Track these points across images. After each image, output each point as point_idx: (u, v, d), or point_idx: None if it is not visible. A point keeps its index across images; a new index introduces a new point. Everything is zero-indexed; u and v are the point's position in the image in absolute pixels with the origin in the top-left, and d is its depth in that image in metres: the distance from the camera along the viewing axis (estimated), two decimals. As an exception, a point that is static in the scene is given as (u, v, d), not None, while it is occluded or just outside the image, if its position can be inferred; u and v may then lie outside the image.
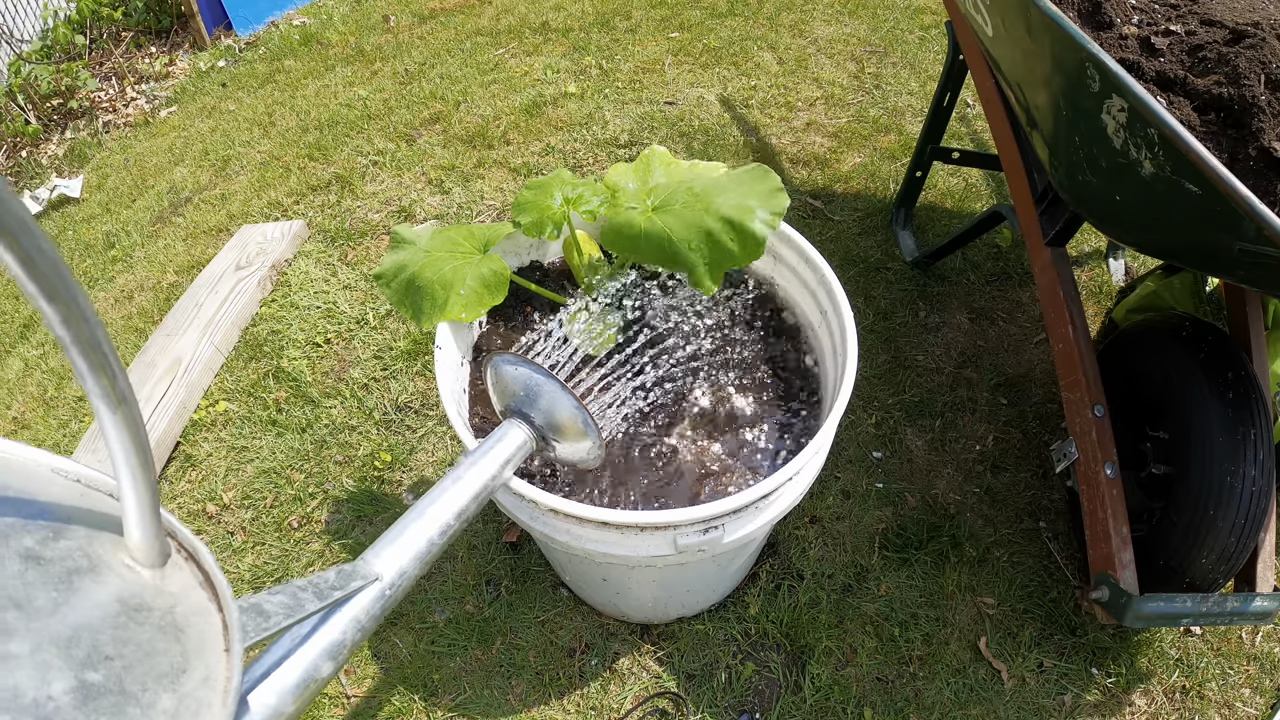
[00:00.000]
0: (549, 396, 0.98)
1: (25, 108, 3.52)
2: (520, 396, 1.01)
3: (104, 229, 2.84)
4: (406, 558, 0.84)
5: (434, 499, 0.91)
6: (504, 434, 1.00)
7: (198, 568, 0.57)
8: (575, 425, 0.99)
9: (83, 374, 0.44)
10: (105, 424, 0.47)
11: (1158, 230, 1.19)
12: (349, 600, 0.78)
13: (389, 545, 0.85)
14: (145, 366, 2.16)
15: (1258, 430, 1.34)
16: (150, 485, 0.50)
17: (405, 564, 0.84)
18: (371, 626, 0.80)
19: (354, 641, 0.77)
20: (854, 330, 1.20)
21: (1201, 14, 1.25)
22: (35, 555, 0.47)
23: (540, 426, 1.01)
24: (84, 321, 0.42)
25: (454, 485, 0.93)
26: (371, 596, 0.79)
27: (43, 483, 0.54)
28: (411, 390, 2.07)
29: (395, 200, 2.62)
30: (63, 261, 0.39)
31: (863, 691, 1.55)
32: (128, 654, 0.47)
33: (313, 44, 3.62)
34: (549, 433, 1.01)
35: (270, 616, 0.66)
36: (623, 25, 3.35)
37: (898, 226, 2.34)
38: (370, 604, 0.79)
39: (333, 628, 0.76)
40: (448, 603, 1.69)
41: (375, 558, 0.83)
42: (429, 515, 0.89)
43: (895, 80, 2.93)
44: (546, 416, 1.00)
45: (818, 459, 1.21)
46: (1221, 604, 1.34)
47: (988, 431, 1.94)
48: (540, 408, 1.00)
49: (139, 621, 0.49)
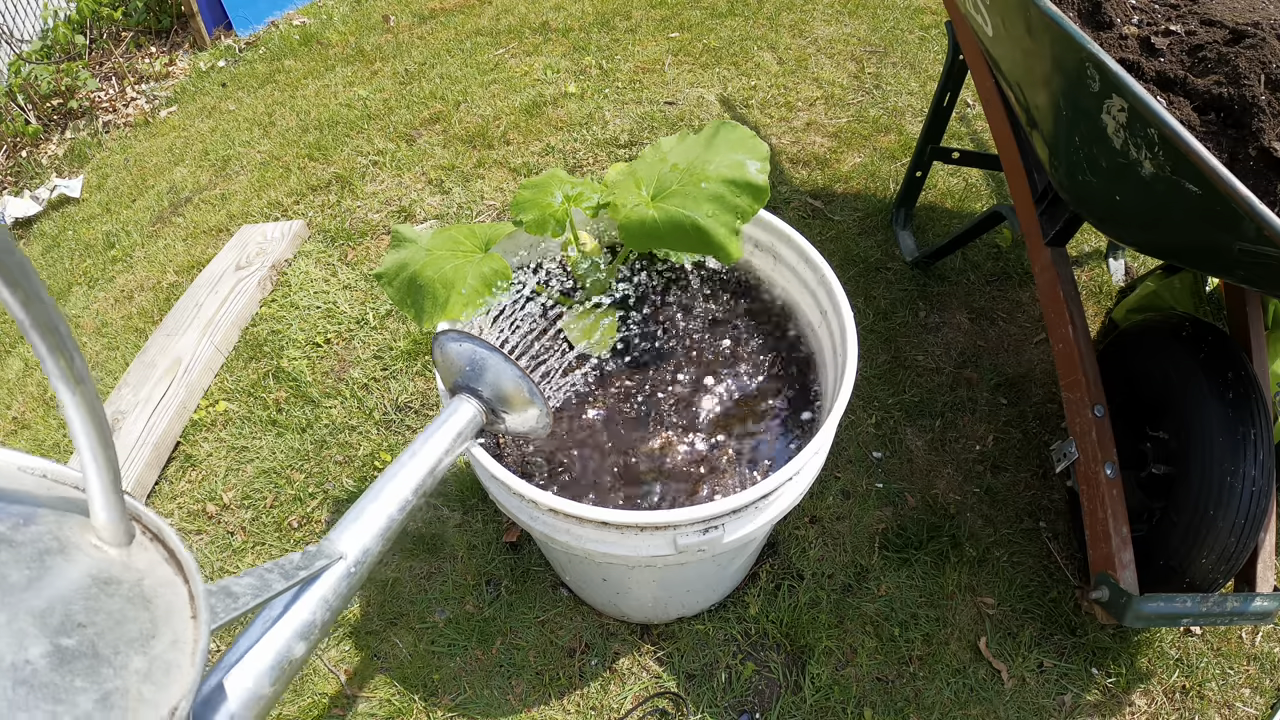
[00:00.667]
0: (494, 369, 1.01)
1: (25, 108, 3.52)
2: (466, 371, 1.03)
3: (104, 229, 2.84)
4: (369, 536, 0.87)
5: (391, 476, 0.93)
6: (455, 409, 1.02)
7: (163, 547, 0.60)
8: (521, 394, 1.01)
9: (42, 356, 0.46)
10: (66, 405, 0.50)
11: (1158, 230, 1.19)
12: (315, 580, 0.80)
13: (351, 524, 0.87)
14: (145, 366, 2.16)
15: (1258, 430, 1.34)
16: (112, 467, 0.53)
17: (368, 542, 0.86)
18: (340, 605, 0.82)
19: (324, 621, 0.80)
20: (854, 330, 1.20)
21: (1201, 14, 1.25)
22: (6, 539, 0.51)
23: (488, 399, 1.03)
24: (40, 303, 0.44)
25: (410, 461, 0.95)
26: (338, 575, 0.82)
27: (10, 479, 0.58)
28: (411, 390, 2.07)
29: (395, 200, 2.62)
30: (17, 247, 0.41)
31: (863, 691, 1.55)
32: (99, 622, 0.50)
33: (313, 44, 3.62)
34: (497, 405, 1.03)
35: (239, 597, 0.69)
36: (623, 25, 3.35)
37: (898, 226, 2.34)
38: (336, 583, 0.82)
39: (302, 608, 0.78)
40: (448, 603, 1.69)
41: (339, 537, 0.86)
42: (387, 493, 0.91)
43: (895, 80, 2.93)
44: (493, 389, 1.02)
45: (818, 459, 1.21)
46: (1221, 604, 1.34)
47: (988, 431, 1.94)
48: (487, 381, 1.02)
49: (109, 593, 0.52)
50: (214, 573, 1.79)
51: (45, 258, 2.84)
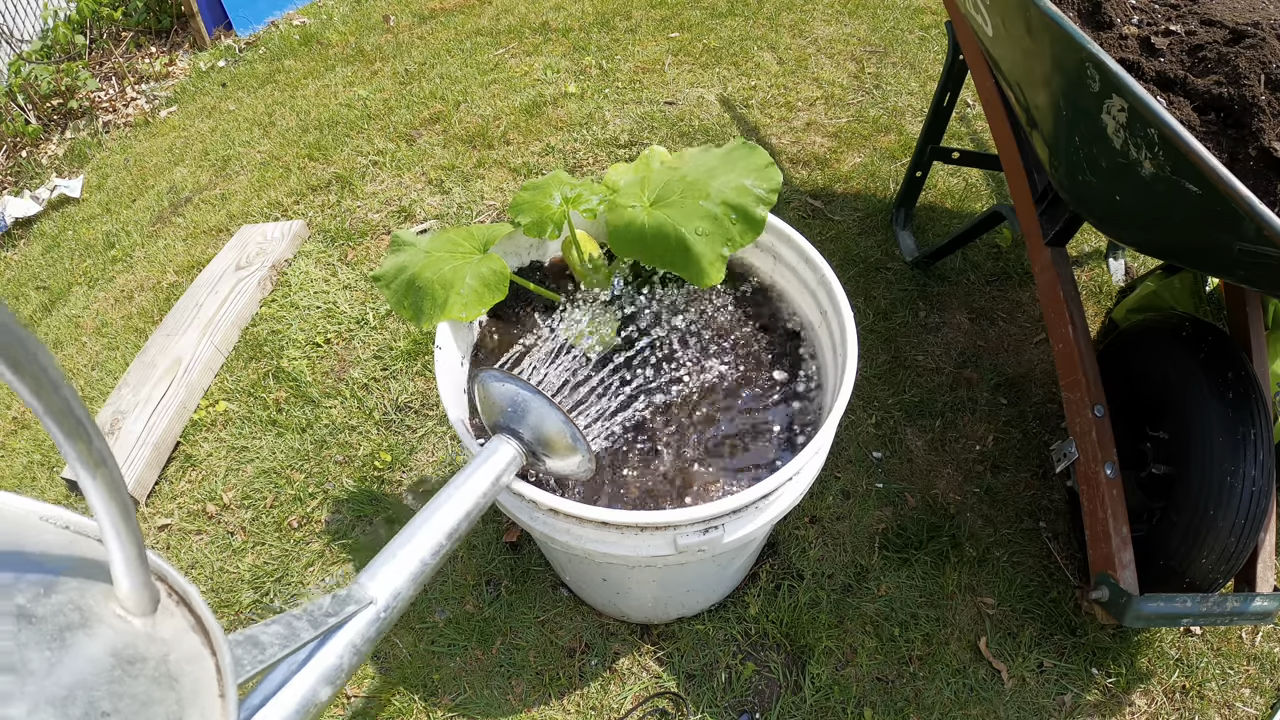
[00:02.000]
0: (536, 412, 0.98)
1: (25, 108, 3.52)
2: (508, 413, 1.01)
3: (104, 229, 2.84)
4: (400, 580, 0.85)
5: (426, 519, 0.91)
6: (494, 450, 1.00)
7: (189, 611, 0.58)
8: (564, 440, 0.99)
9: (59, 441, 0.44)
10: (86, 486, 0.47)
11: (1158, 230, 1.19)
12: (344, 625, 0.78)
13: (382, 568, 0.85)
14: (145, 366, 2.16)
15: (1258, 430, 1.34)
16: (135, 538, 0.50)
17: (399, 586, 0.84)
18: (368, 649, 0.81)
19: (351, 666, 0.78)
20: (854, 330, 1.20)
21: (1201, 14, 1.25)
22: (28, 614, 0.48)
23: (529, 442, 1.01)
24: (54, 390, 0.41)
25: (447, 503, 0.93)
26: (366, 620, 0.80)
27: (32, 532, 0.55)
28: (411, 390, 2.07)
29: (395, 200, 2.62)
30: (25, 330, 0.38)
31: (863, 691, 1.55)
32: (124, 708, 0.48)
33: (313, 44, 3.62)
34: (538, 448, 1.01)
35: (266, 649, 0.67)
36: (623, 25, 3.35)
37: (898, 226, 2.34)
38: (365, 628, 0.80)
39: (329, 653, 0.76)
40: (448, 603, 1.69)
41: (370, 581, 0.84)
42: (421, 537, 0.89)
43: (895, 80, 2.93)
44: (535, 432, 1.00)
45: (818, 459, 1.21)
46: (1221, 604, 1.33)
47: (988, 431, 1.94)
48: (529, 424, 1.00)
49: (133, 674, 0.50)
50: (214, 573, 1.80)
51: (45, 258, 2.84)
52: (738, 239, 1.15)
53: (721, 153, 1.23)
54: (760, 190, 1.16)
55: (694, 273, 1.15)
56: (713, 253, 1.14)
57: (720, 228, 1.15)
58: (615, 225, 1.19)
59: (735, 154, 1.21)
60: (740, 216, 1.15)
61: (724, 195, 1.15)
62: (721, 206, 1.15)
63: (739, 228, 1.15)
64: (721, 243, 1.15)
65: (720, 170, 1.19)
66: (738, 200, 1.15)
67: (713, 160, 1.22)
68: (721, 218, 1.15)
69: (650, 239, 1.17)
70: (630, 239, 1.18)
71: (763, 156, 1.19)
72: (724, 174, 1.18)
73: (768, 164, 1.18)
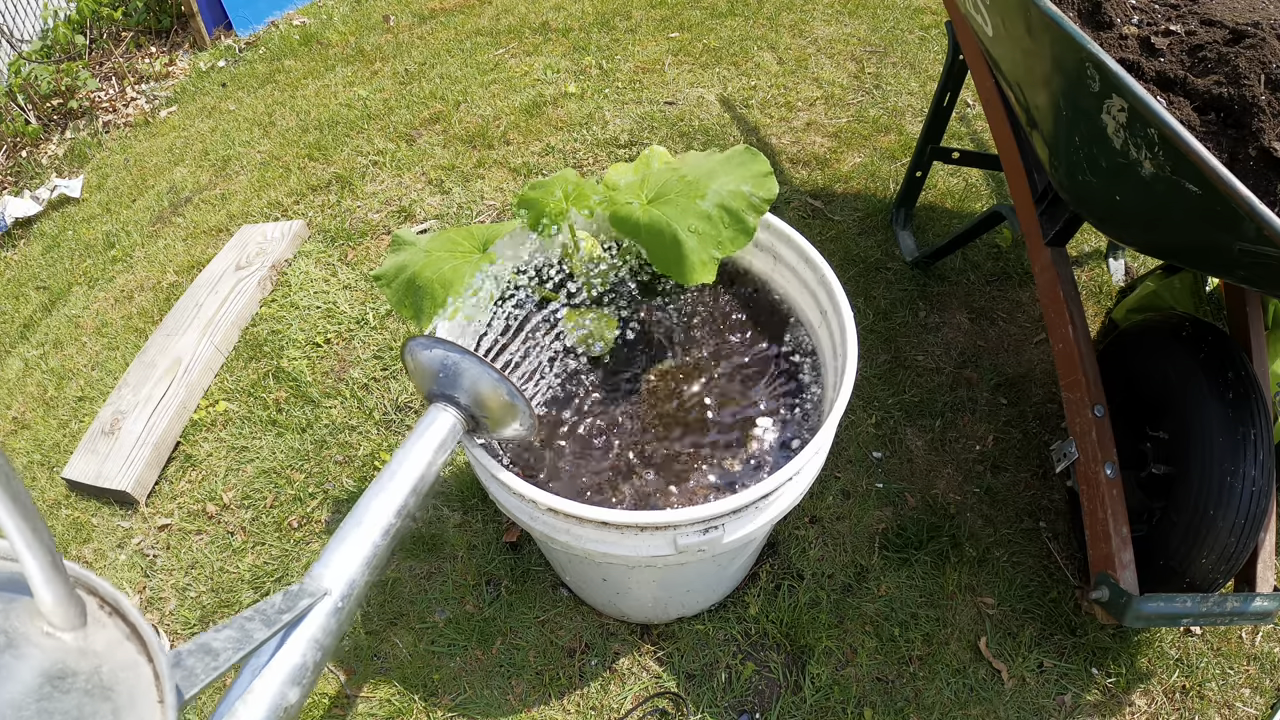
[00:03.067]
0: (470, 375, 0.95)
1: (25, 108, 3.52)
2: (440, 379, 0.97)
3: (104, 229, 2.84)
4: (354, 567, 0.82)
5: (372, 499, 0.88)
6: (431, 420, 0.96)
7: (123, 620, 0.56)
8: (500, 399, 0.95)
9: None
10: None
11: (1158, 230, 1.19)
12: (301, 621, 0.76)
13: (334, 555, 0.82)
14: (145, 366, 2.16)
15: (1258, 430, 1.34)
16: (47, 548, 0.49)
17: (353, 573, 0.82)
18: (332, 643, 0.78)
19: (317, 662, 0.75)
20: (854, 330, 1.20)
21: (1201, 14, 1.25)
22: None
23: (466, 406, 0.97)
24: None
25: (390, 483, 0.90)
26: (325, 613, 0.77)
27: None
28: (411, 390, 2.07)
29: (395, 200, 2.62)
30: None
31: (863, 691, 1.55)
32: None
33: (313, 44, 3.62)
34: (476, 411, 0.97)
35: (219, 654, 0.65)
36: (623, 25, 3.35)
37: (898, 226, 2.34)
38: (325, 620, 0.77)
39: (291, 652, 0.74)
40: (448, 603, 1.69)
41: (324, 570, 0.81)
42: (370, 519, 0.86)
43: (895, 80, 2.93)
44: (470, 395, 0.96)
45: (818, 459, 1.21)
46: (1221, 604, 1.33)
47: (988, 431, 1.94)
48: (463, 387, 0.96)
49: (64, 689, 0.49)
50: (213, 573, 1.80)
51: (45, 258, 2.84)
52: (728, 243, 1.15)
53: (723, 157, 1.23)
54: (755, 198, 1.16)
55: (684, 270, 1.15)
56: (704, 253, 1.15)
57: (713, 228, 1.15)
58: (615, 216, 1.20)
59: (736, 159, 1.21)
60: (732, 221, 1.15)
61: (720, 198, 1.16)
62: (717, 209, 1.15)
63: (729, 232, 1.15)
64: (713, 244, 1.15)
65: (720, 173, 1.19)
66: (732, 204, 1.15)
67: (713, 163, 1.23)
68: (715, 219, 1.15)
69: (645, 234, 1.17)
70: (626, 232, 1.20)
71: (763, 164, 1.19)
72: (723, 176, 1.19)
73: (766, 173, 1.19)
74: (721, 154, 1.25)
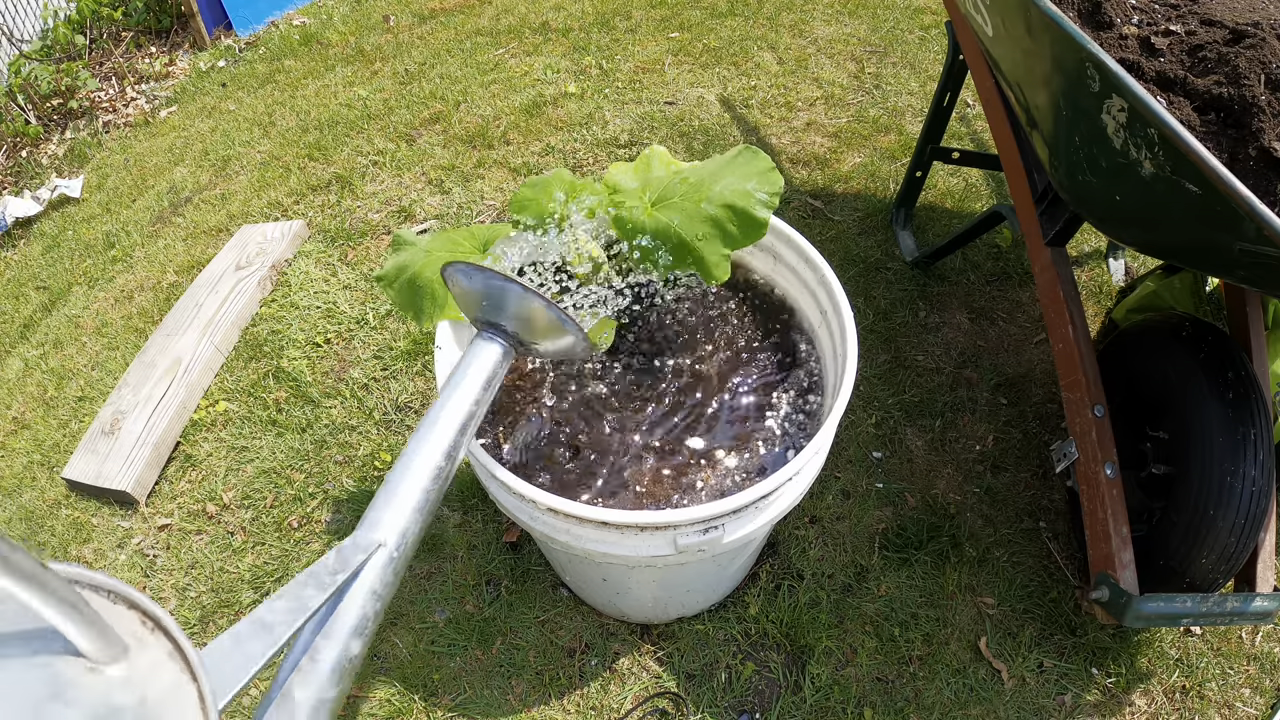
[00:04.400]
0: (515, 301, 0.89)
1: (25, 108, 3.52)
2: (486, 306, 0.91)
3: (104, 229, 2.84)
4: (405, 516, 0.80)
5: (418, 444, 0.84)
6: (477, 352, 0.90)
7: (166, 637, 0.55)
8: (551, 322, 0.90)
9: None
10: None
11: (1158, 230, 1.19)
12: (358, 575, 0.75)
13: (385, 508, 0.80)
14: (145, 366, 2.16)
15: (1258, 430, 1.34)
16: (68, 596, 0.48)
17: (405, 523, 0.80)
18: (389, 594, 0.77)
19: (376, 613, 0.75)
20: (854, 330, 1.20)
21: (1201, 14, 1.25)
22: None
23: (514, 333, 0.92)
24: None
25: (437, 424, 0.86)
26: (380, 564, 0.77)
27: None
28: (411, 390, 2.07)
29: (395, 200, 2.62)
30: None
31: (863, 691, 1.55)
32: None
33: (313, 44, 3.62)
34: (525, 336, 0.93)
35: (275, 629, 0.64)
36: (623, 25, 3.35)
37: (898, 226, 2.34)
38: (381, 572, 0.76)
39: (351, 607, 0.74)
40: (448, 603, 1.69)
41: (374, 525, 0.80)
42: (417, 464, 0.83)
43: (895, 80, 2.93)
44: (519, 321, 0.91)
45: (818, 459, 1.21)
46: (1221, 604, 1.33)
47: (988, 431, 1.94)
48: (509, 314, 0.90)
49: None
50: (213, 572, 1.80)
51: (45, 257, 2.84)
52: (740, 238, 1.16)
53: (725, 158, 1.23)
54: (762, 194, 1.16)
55: (701, 269, 1.17)
56: (715, 254, 1.15)
57: (719, 230, 1.15)
58: (620, 220, 1.21)
59: (738, 159, 1.21)
60: (741, 219, 1.15)
61: (724, 198, 1.16)
62: (722, 209, 1.15)
63: (740, 230, 1.16)
64: (722, 243, 1.15)
65: (722, 174, 1.19)
66: (739, 203, 1.15)
67: (715, 165, 1.23)
68: (722, 220, 1.15)
69: (650, 238, 1.17)
70: (634, 233, 1.20)
71: (765, 161, 1.19)
72: (726, 177, 1.18)
73: (769, 168, 1.19)
74: (723, 155, 1.25)
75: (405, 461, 0.84)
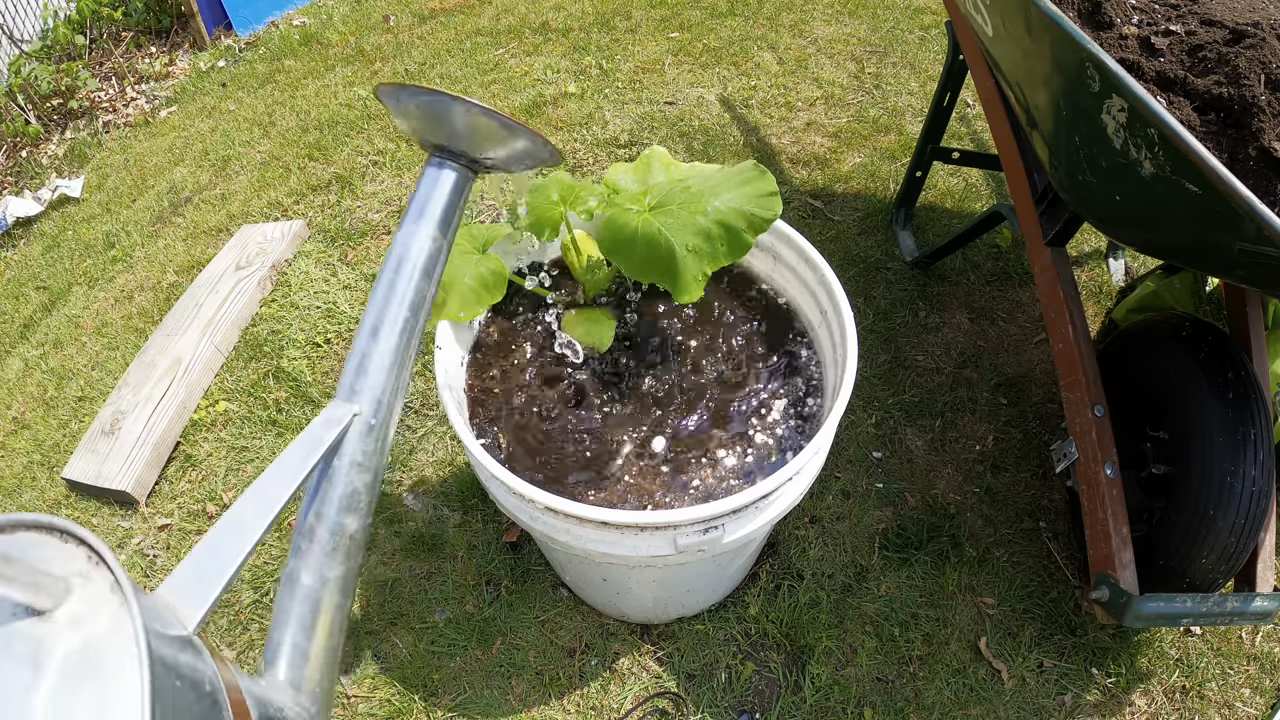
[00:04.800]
0: (444, 110, 0.79)
1: (25, 108, 3.52)
2: (426, 128, 0.82)
3: (104, 229, 2.84)
4: (378, 381, 0.76)
5: (377, 300, 0.78)
6: (429, 183, 0.81)
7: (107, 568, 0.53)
8: (491, 128, 0.80)
9: None
10: None
11: (1158, 230, 1.19)
12: (339, 450, 0.73)
13: (354, 375, 0.76)
14: (145, 366, 2.16)
15: (1258, 430, 1.34)
16: None
17: (379, 388, 0.76)
18: (375, 464, 0.75)
19: (367, 485, 0.74)
20: (854, 330, 1.20)
21: (1201, 14, 1.25)
22: None
23: (463, 151, 0.83)
24: None
25: (399, 273, 0.79)
26: (359, 434, 0.74)
27: None
28: (411, 390, 2.07)
29: (395, 200, 2.62)
30: None
31: (863, 691, 1.55)
32: None
33: (313, 44, 3.62)
34: (475, 151, 0.83)
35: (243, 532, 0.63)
36: (623, 25, 3.35)
37: (898, 226, 2.34)
38: (361, 442, 0.74)
39: (336, 483, 0.72)
40: (448, 603, 1.69)
41: (346, 395, 0.75)
42: (382, 323, 0.77)
43: (895, 80, 2.93)
44: (461, 137, 0.81)
45: (818, 459, 1.21)
46: (1221, 604, 1.33)
47: (988, 431, 1.94)
48: (450, 130, 0.81)
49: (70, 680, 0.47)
50: (214, 573, 1.79)
51: (45, 257, 2.84)
52: (722, 257, 1.14)
53: (732, 170, 1.21)
54: (756, 217, 1.14)
55: (674, 284, 1.14)
56: (697, 269, 1.13)
57: (709, 244, 1.13)
58: (609, 225, 1.18)
59: (743, 175, 1.19)
60: (729, 238, 1.14)
61: (720, 214, 1.14)
62: (716, 225, 1.14)
63: (725, 248, 1.14)
64: (708, 261, 1.14)
65: (724, 187, 1.17)
66: (732, 222, 1.13)
67: (720, 176, 1.21)
68: (714, 235, 1.13)
69: (638, 244, 1.15)
70: (621, 240, 1.17)
71: (769, 184, 1.17)
72: (727, 192, 1.17)
73: (772, 192, 1.16)
74: (731, 168, 1.23)
75: (366, 321, 0.78)
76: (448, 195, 0.82)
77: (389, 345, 0.77)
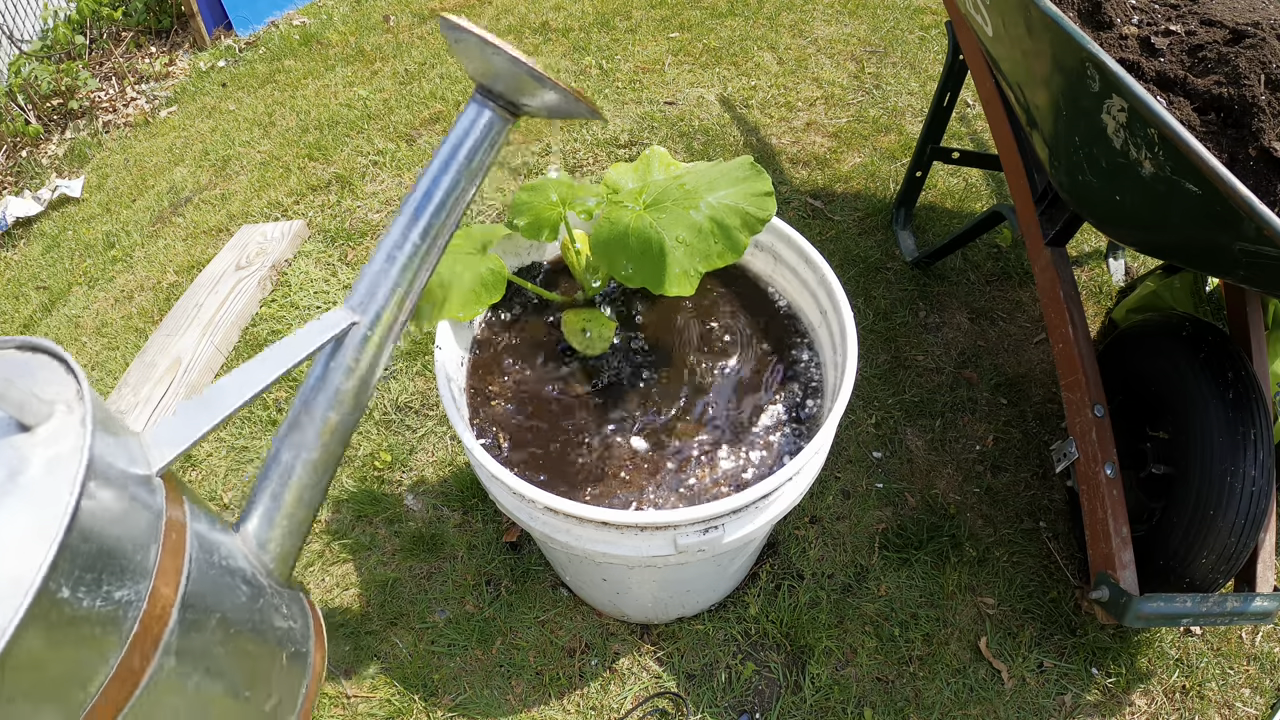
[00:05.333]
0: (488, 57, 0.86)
1: (25, 108, 3.52)
2: (474, 67, 0.90)
3: (104, 229, 2.84)
4: (378, 298, 0.84)
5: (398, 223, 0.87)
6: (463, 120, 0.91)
7: (75, 379, 0.61)
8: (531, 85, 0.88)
9: None
10: None
11: (1158, 230, 1.19)
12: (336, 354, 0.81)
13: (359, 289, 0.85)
14: (145, 366, 2.16)
15: (1258, 430, 1.34)
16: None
17: (378, 304, 0.84)
18: (365, 369, 0.83)
19: (354, 386, 0.81)
20: (854, 330, 1.20)
21: (1201, 14, 1.25)
22: None
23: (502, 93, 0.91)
24: None
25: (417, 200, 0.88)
26: (355, 342, 0.82)
27: None
28: (411, 390, 2.07)
29: (395, 200, 2.62)
30: None
31: (863, 691, 1.55)
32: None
33: (313, 44, 3.62)
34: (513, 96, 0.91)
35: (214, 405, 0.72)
36: (623, 25, 3.35)
37: (898, 226, 2.34)
38: (356, 350, 0.82)
39: (327, 380, 0.80)
40: (448, 603, 1.69)
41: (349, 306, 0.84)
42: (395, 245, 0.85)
43: (895, 80, 2.93)
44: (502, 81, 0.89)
45: (818, 459, 1.21)
46: (1221, 604, 1.33)
47: (988, 431, 1.94)
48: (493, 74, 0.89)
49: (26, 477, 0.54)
50: (214, 573, 1.79)
51: (45, 258, 2.84)
52: (715, 258, 1.12)
53: (727, 166, 1.21)
54: (751, 217, 1.13)
55: (663, 280, 1.11)
56: (688, 264, 1.11)
57: (701, 240, 1.12)
58: (601, 225, 1.17)
59: (740, 173, 1.18)
60: (723, 236, 1.12)
61: (713, 210, 1.13)
62: (709, 220, 1.12)
63: (718, 247, 1.12)
64: (699, 258, 1.12)
65: (720, 184, 1.17)
66: (725, 219, 1.12)
67: (715, 171, 1.21)
68: (707, 231, 1.12)
69: (634, 240, 1.14)
70: (614, 236, 1.15)
71: (765, 184, 1.16)
72: (722, 189, 1.16)
73: (767, 192, 1.15)
74: (727, 163, 1.23)
75: (384, 242, 0.87)
76: (476, 135, 0.90)
77: (396, 267, 0.85)
